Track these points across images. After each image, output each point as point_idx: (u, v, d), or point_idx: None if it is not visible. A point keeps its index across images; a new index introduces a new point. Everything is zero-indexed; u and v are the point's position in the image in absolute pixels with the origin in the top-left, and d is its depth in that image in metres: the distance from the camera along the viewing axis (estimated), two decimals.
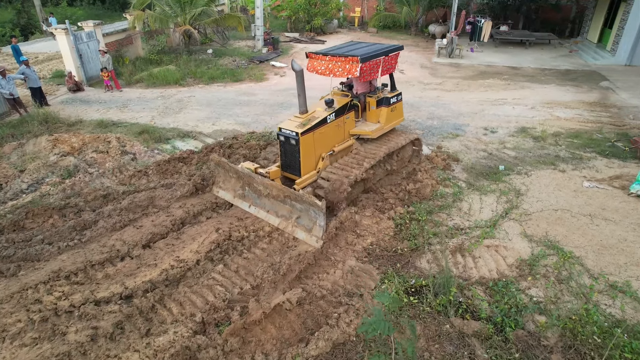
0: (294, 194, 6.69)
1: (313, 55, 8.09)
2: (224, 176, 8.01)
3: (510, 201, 7.88)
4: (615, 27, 19.10)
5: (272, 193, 7.06)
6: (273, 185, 6.99)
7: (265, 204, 7.30)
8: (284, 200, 6.94)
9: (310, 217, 6.67)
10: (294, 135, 7.15)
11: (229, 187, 7.92)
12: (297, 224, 6.85)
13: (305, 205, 6.63)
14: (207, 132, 11.28)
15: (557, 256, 6.35)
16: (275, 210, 7.16)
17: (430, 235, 6.76)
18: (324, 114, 7.56)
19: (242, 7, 25.91)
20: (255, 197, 7.46)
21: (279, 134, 7.41)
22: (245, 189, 7.63)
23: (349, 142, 8.21)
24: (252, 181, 7.29)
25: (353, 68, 7.42)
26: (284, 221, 7.01)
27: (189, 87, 15.27)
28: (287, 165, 7.63)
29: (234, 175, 7.73)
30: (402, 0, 24.19)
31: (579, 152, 9.95)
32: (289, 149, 7.38)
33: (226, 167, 7.74)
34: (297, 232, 6.80)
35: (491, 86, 15.08)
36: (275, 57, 18.95)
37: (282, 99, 13.71)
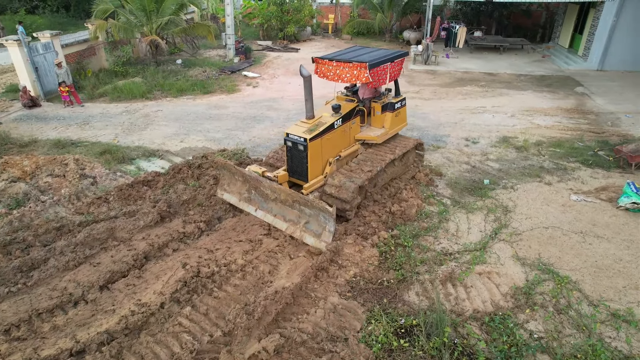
0: (304, 199, 6.62)
1: (320, 61, 8.02)
2: (228, 179, 7.84)
3: (498, 219, 7.47)
4: (585, 33, 19.29)
5: (280, 197, 6.95)
6: (282, 189, 6.89)
7: (272, 208, 7.19)
8: (293, 204, 6.85)
9: (320, 222, 6.59)
10: (302, 141, 7.11)
11: (234, 190, 7.76)
12: (305, 229, 6.76)
13: (315, 210, 6.57)
14: (175, 150, 10.53)
15: (553, 281, 5.94)
16: (282, 215, 7.05)
17: (417, 264, 6.25)
18: (331, 119, 7.53)
19: (212, 15, 25.15)
20: (261, 201, 7.34)
21: (286, 139, 7.34)
22: (251, 193, 7.50)
23: (354, 147, 8.19)
24: (260, 185, 7.18)
25: (362, 74, 7.41)
26: (291, 226, 6.90)
27: (156, 100, 14.45)
28: (294, 170, 7.55)
29: (240, 179, 7.59)
30: (375, 7, 23.95)
31: (563, 162, 9.69)
32: (297, 154, 7.33)
33: (232, 169, 7.60)
34: (305, 237, 6.70)
35: (469, 94, 14.84)
36: (248, 66, 18.31)
37: (255, 111, 13.08)
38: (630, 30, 17.30)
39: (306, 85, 7.25)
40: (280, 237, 6.99)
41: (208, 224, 7.57)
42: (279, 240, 6.94)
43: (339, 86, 8.96)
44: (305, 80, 7.21)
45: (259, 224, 7.33)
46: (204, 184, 8.68)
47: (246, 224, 7.44)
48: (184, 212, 7.84)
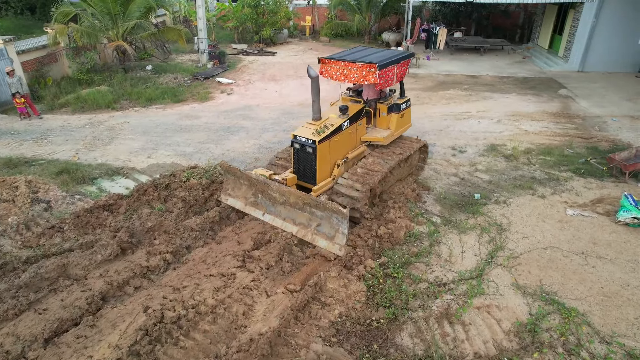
0: (316, 201, 6.48)
1: (326, 61, 7.92)
2: (233, 183, 7.65)
3: (493, 240, 6.91)
4: (565, 34, 19.11)
5: (290, 200, 6.79)
6: (291, 192, 6.72)
7: (280, 211, 7.03)
8: (303, 207, 6.70)
9: (332, 224, 6.44)
10: (310, 143, 7.00)
11: (239, 194, 7.56)
12: (317, 232, 6.61)
13: (327, 212, 6.41)
14: (141, 168, 9.66)
15: (560, 314, 5.39)
16: (292, 218, 6.90)
17: (409, 298, 5.61)
18: (338, 121, 7.42)
19: (184, 17, 24.13)
20: (269, 204, 7.17)
21: (294, 141, 7.23)
22: (257, 197, 7.32)
23: (361, 149, 8.11)
24: (267, 188, 7.00)
25: (370, 75, 7.32)
26: (302, 229, 6.75)
27: (123, 110, 13.48)
28: (302, 173, 7.40)
29: (246, 183, 7.40)
30: (353, 8, 23.37)
31: (554, 171, 9.24)
32: (305, 156, 7.20)
33: (237, 173, 7.39)
34: (317, 241, 6.57)
35: (453, 98, 14.37)
36: (222, 72, 17.44)
37: (228, 121, 12.27)
38: (610, 31, 17.16)
39: (313, 86, 7.05)
40: (256, 270, 6.26)
41: (175, 254, 6.78)
42: (254, 273, 6.21)
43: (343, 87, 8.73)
44: (313, 81, 7.01)
45: (232, 255, 6.58)
46: (172, 207, 7.88)
47: (218, 255, 6.67)
48: (149, 241, 7.02)
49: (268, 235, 6.96)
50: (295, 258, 6.61)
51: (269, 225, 7.21)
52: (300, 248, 6.77)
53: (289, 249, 6.71)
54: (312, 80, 7.04)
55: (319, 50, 22.14)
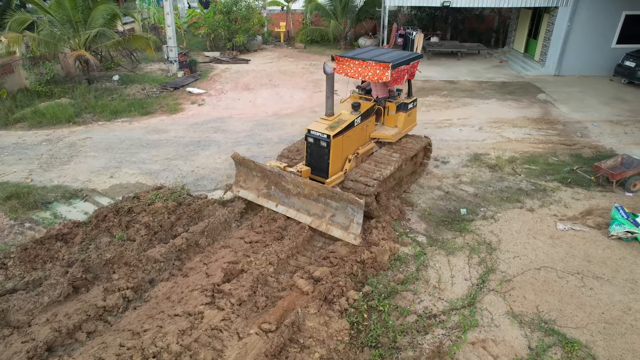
0: (332, 192, 6.68)
1: (340, 59, 8.15)
2: (245, 175, 7.82)
3: (483, 261, 6.45)
4: (540, 38, 19.11)
5: (304, 191, 6.99)
6: (307, 183, 6.93)
7: (294, 203, 7.21)
8: (318, 198, 6.93)
9: (347, 214, 6.67)
10: (325, 138, 7.22)
11: (251, 186, 7.73)
12: (331, 222, 6.82)
13: (342, 202, 6.65)
14: (103, 189, 8.87)
15: (561, 346, 4.93)
16: (306, 209, 7.10)
17: (397, 335, 5.06)
18: (351, 117, 7.68)
19: (153, 24, 23.20)
20: (282, 196, 7.35)
21: (308, 135, 7.45)
22: (270, 188, 7.49)
23: (370, 145, 8.39)
24: (281, 180, 7.21)
25: (384, 73, 7.62)
26: (316, 220, 6.94)
27: (85, 125, 12.59)
28: (314, 166, 7.60)
29: (258, 174, 7.59)
30: (328, 13, 22.93)
31: (541, 181, 8.90)
32: (318, 150, 7.42)
33: (250, 165, 7.54)
34: (332, 230, 6.78)
35: (432, 105, 14.00)
36: (193, 81, 16.67)
37: (199, 135, 11.55)
38: (584, 36, 17.18)
39: (328, 82, 7.33)
40: (227, 307, 5.60)
41: (137, 290, 6.09)
42: (224, 311, 5.55)
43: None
44: (328, 78, 7.29)
45: (200, 289, 5.91)
46: (134, 234, 7.15)
47: (184, 290, 5.99)
48: (107, 276, 6.28)
49: (240, 264, 6.33)
50: (271, 290, 6.00)
51: (240, 253, 6.59)
52: (275, 278, 6.16)
53: (264, 279, 6.09)
54: (327, 77, 7.30)
55: (294, 57, 21.60)
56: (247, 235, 7.16)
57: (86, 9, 15.10)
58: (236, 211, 7.78)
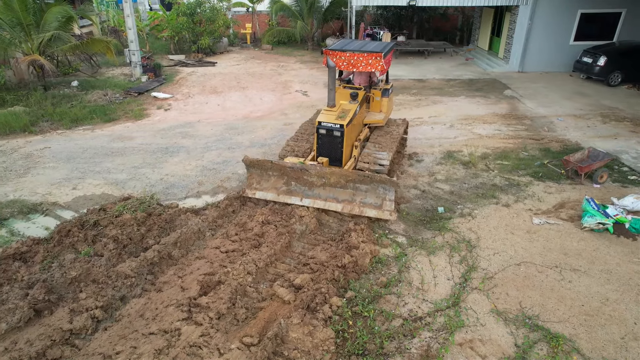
0: (363, 176, 6.98)
1: (330, 52, 8.31)
2: (259, 176, 7.79)
3: (464, 260, 6.42)
4: (503, 36, 19.60)
5: (330, 181, 7.22)
6: (333, 172, 7.17)
7: (320, 194, 7.38)
8: (345, 185, 7.19)
9: (378, 194, 7.07)
10: (338, 127, 7.60)
11: (268, 186, 7.74)
12: (363, 204, 7.13)
13: (373, 184, 7.01)
14: (65, 202, 8.35)
15: (546, 342, 4.93)
16: (334, 197, 7.32)
17: (384, 341, 4.93)
18: (352, 106, 8.09)
19: (113, 28, 22.30)
20: (305, 189, 7.46)
21: (319, 127, 7.74)
22: (290, 185, 7.56)
23: (365, 130, 8.97)
24: (303, 174, 7.34)
25: (378, 62, 8.09)
26: (347, 205, 7.20)
27: (43, 134, 11.88)
28: (327, 156, 7.91)
29: (275, 173, 7.63)
30: (295, 14, 22.75)
31: (514, 176, 9.03)
32: (331, 140, 7.76)
33: (266, 165, 7.57)
34: (366, 212, 7.10)
35: (403, 104, 14.06)
36: (158, 85, 16.10)
37: (167, 141, 11.11)
38: (544, 33, 17.74)
39: (330, 75, 7.69)
40: (205, 321, 5.32)
41: (107, 310, 5.69)
42: (203, 326, 5.26)
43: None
44: (330, 71, 7.67)
45: (176, 304, 5.60)
46: (102, 249, 6.73)
47: (158, 306, 5.66)
48: (73, 296, 5.86)
49: (217, 275, 6.04)
50: (250, 301, 5.75)
51: (216, 264, 6.31)
52: (254, 288, 5.91)
53: (242, 290, 5.84)
54: (329, 70, 7.67)
55: (262, 59, 21.29)
56: (223, 245, 6.88)
57: (38, 11, 14.32)
58: (210, 219, 7.49)
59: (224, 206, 7.82)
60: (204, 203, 8.18)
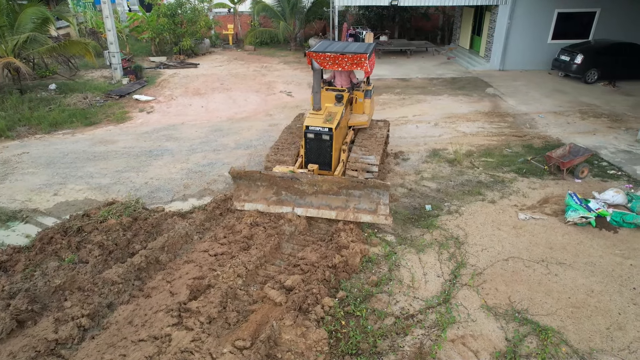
0: (356, 182, 6.87)
1: (314, 54, 8.14)
2: (247, 187, 7.54)
3: (453, 256, 6.49)
4: (484, 35, 19.90)
5: (322, 188, 7.06)
6: (326, 179, 7.00)
7: (312, 202, 7.21)
8: (338, 192, 7.05)
9: (372, 199, 6.97)
10: (327, 131, 7.46)
11: (257, 197, 7.47)
12: (357, 210, 7.01)
13: (366, 190, 6.90)
14: (46, 208, 8.13)
15: (536, 335, 5.02)
16: (327, 205, 7.16)
17: (377, 340, 4.93)
18: (338, 108, 8.01)
19: (91, 29, 21.85)
20: (296, 198, 7.27)
21: (307, 132, 7.59)
22: (281, 194, 7.34)
23: (351, 133, 8.86)
24: (294, 183, 7.15)
25: (362, 63, 8.04)
26: (340, 212, 7.06)
27: (20, 139, 11.56)
28: (315, 161, 7.75)
29: (264, 184, 7.40)
30: (277, 15, 22.68)
31: (498, 173, 9.16)
32: (319, 145, 7.63)
33: (254, 176, 7.31)
34: (361, 217, 6.97)
35: (387, 103, 14.15)
36: (140, 88, 15.84)
37: (150, 144, 10.94)
38: (523, 32, 18.08)
39: (315, 77, 7.71)
40: (196, 326, 5.24)
41: (93, 317, 5.55)
42: (194, 331, 5.19)
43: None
44: (315, 73, 7.69)
45: (165, 310, 5.50)
46: (86, 256, 6.58)
47: (147, 312, 5.56)
48: (57, 304, 5.71)
49: (206, 279, 5.97)
50: (241, 304, 5.69)
51: (205, 267, 6.23)
52: (245, 291, 5.86)
53: (233, 293, 5.77)
54: (314, 72, 7.68)
55: (245, 60, 21.16)
56: (212, 248, 6.79)
57: (12, 12, 13.92)
58: (197, 223, 7.39)
59: (211, 209, 7.74)
60: (191, 206, 8.07)
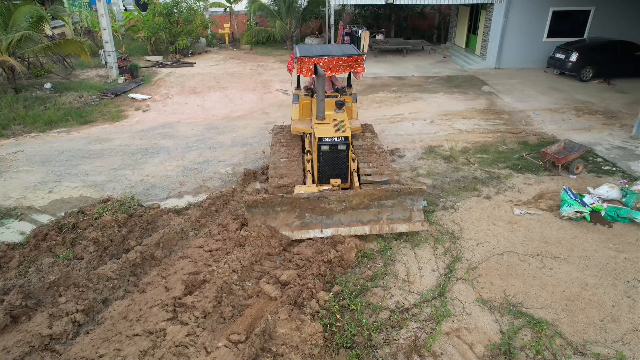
0: (390, 191, 6.50)
1: (306, 60, 7.97)
2: (264, 216, 6.69)
3: (448, 251, 6.50)
4: (480, 33, 19.95)
5: (352, 204, 6.58)
6: (355, 194, 6.54)
7: (340, 220, 6.69)
8: (369, 205, 6.62)
9: (405, 207, 6.67)
10: (342, 141, 7.09)
11: (277, 224, 6.72)
12: (391, 221, 6.67)
13: (400, 197, 6.57)
14: (41, 206, 8.10)
15: (530, 328, 5.03)
16: (359, 220, 6.71)
17: (372, 334, 4.94)
18: (341, 115, 7.70)
19: (86, 28, 21.78)
20: (323, 219, 6.69)
21: (321, 143, 7.11)
22: (304, 217, 6.69)
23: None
24: (320, 203, 6.55)
25: (358, 65, 8.04)
26: (374, 225, 6.67)
27: (15, 137, 11.52)
28: (330, 174, 7.37)
29: (284, 208, 6.65)
30: (273, 14, 22.67)
31: (494, 169, 9.19)
32: (336, 156, 7.24)
33: (275, 201, 6.54)
34: (396, 228, 6.66)
35: (383, 101, 14.16)
36: (135, 87, 15.80)
37: (146, 142, 10.91)
38: (518, 31, 18.13)
39: (320, 84, 7.22)
40: (191, 321, 5.24)
41: (88, 313, 5.54)
42: (189, 325, 5.18)
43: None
44: (320, 79, 7.19)
45: (160, 305, 5.49)
46: (81, 252, 6.56)
47: (142, 307, 5.54)
48: (52, 300, 5.69)
49: (201, 275, 5.95)
50: (236, 299, 5.68)
51: (201, 263, 6.22)
52: (240, 286, 5.85)
53: (228, 288, 5.77)
54: (319, 79, 7.19)
55: (241, 59, 21.14)
56: (207, 244, 6.78)
57: (6, 11, 13.87)
58: (193, 219, 7.38)
59: (206, 205, 7.73)
60: (186, 203, 8.06)
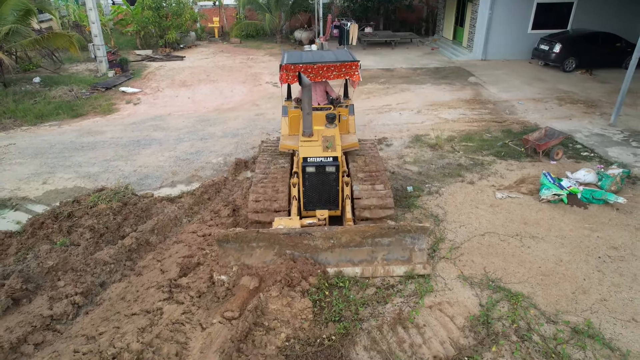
0: (386, 228, 5.57)
1: (292, 67, 7.11)
2: (237, 252, 5.77)
3: (432, 233, 6.80)
4: (466, 26, 20.25)
5: (341, 241, 5.67)
6: (347, 230, 5.61)
7: (328, 259, 5.77)
8: (362, 242, 5.69)
9: (405, 246, 5.74)
10: (331, 162, 6.12)
11: (254, 261, 5.78)
12: (387, 262, 5.75)
13: (399, 235, 5.64)
14: (36, 196, 8.25)
15: (507, 300, 5.35)
16: (349, 260, 5.78)
17: (359, 308, 5.22)
18: (332, 131, 6.57)
19: (74, 22, 21.67)
20: (307, 257, 5.77)
21: (305, 165, 6.16)
22: (284, 254, 5.75)
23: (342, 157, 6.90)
24: (303, 239, 5.64)
25: (353, 72, 7.25)
26: (366, 266, 5.75)
27: (6, 131, 11.59)
28: (317, 200, 6.40)
29: (261, 244, 5.74)
30: (262, 7, 22.77)
31: (478, 156, 9.51)
32: (323, 179, 6.27)
33: (250, 236, 5.62)
34: (393, 270, 5.74)
35: (372, 92, 14.42)
36: (126, 80, 15.87)
37: (138, 134, 11.06)
38: (504, 23, 18.47)
39: (307, 95, 6.09)
40: (186, 300, 5.48)
41: (87, 295, 5.76)
42: (184, 304, 5.42)
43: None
44: (306, 90, 6.05)
45: (156, 286, 5.72)
46: (78, 239, 6.75)
47: (139, 288, 5.77)
48: (51, 284, 5.89)
49: (195, 257, 6.20)
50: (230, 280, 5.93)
51: (195, 247, 6.45)
52: None
53: None
54: (304, 89, 6.05)
55: (230, 52, 21.23)
56: (200, 229, 7.01)
57: None
58: (186, 207, 7.60)
59: (199, 194, 7.95)
60: (179, 192, 8.26)
